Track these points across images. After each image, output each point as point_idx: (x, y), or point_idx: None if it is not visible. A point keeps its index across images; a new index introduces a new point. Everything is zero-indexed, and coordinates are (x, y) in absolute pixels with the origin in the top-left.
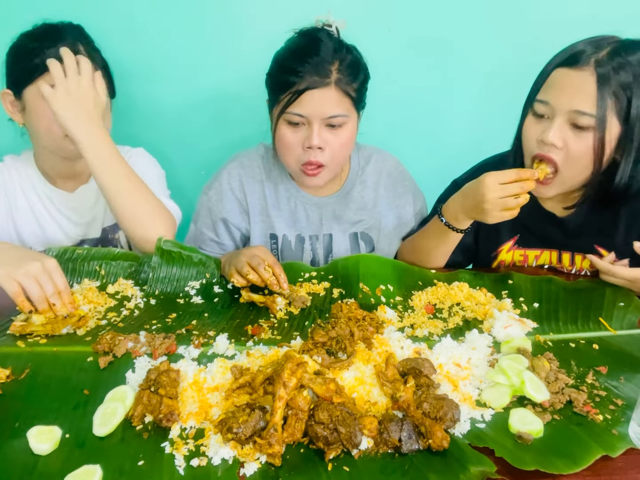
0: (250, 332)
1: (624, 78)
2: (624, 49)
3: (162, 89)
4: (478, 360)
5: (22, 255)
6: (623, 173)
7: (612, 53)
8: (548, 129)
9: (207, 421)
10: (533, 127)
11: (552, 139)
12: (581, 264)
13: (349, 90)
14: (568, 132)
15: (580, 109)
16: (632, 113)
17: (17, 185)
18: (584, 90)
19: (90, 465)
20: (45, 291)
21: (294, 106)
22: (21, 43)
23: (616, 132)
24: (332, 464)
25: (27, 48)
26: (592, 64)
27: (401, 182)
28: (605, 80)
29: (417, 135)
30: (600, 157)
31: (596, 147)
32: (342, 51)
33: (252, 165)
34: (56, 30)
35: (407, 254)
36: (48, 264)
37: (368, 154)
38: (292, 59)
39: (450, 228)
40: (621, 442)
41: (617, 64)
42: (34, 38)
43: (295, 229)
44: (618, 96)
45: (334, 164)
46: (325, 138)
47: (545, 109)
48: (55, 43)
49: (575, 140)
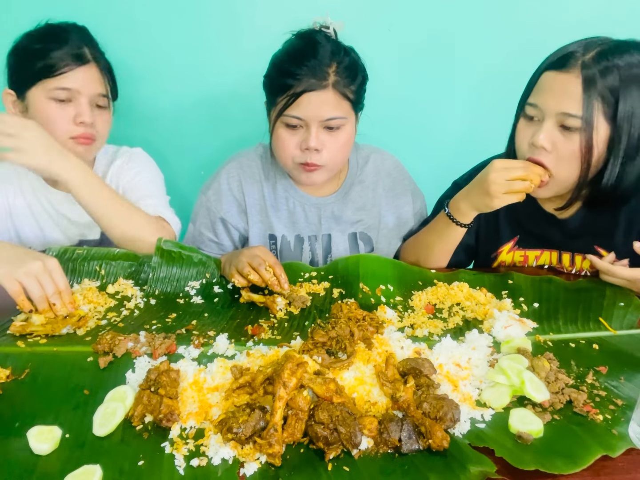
0: (250, 332)
1: (610, 80)
2: (610, 51)
3: (161, 89)
4: (478, 360)
5: (23, 255)
6: (610, 174)
7: (598, 55)
8: (538, 131)
9: (207, 421)
10: (524, 130)
11: (542, 142)
12: (581, 265)
13: (347, 92)
14: (557, 134)
15: (567, 110)
16: (619, 115)
17: (16, 185)
18: (570, 92)
19: (90, 465)
20: (46, 291)
21: (291, 109)
22: (25, 43)
23: (605, 134)
24: (332, 464)
25: (31, 49)
26: (578, 67)
27: (400, 182)
28: (590, 82)
29: (416, 134)
30: (587, 158)
31: (583, 148)
32: (340, 53)
33: (251, 165)
34: (61, 31)
35: (409, 252)
36: (49, 264)
37: (367, 154)
38: (289, 61)
39: (454, 221)
40: (621, 442)
41: (603, 67)
42: (38, 39)
43: (294, 230)
44: (605, 98)
45: (331, 165)
46: (323, 140)
47: (535, 112)
48: (60, 45)
49: (564, 142)
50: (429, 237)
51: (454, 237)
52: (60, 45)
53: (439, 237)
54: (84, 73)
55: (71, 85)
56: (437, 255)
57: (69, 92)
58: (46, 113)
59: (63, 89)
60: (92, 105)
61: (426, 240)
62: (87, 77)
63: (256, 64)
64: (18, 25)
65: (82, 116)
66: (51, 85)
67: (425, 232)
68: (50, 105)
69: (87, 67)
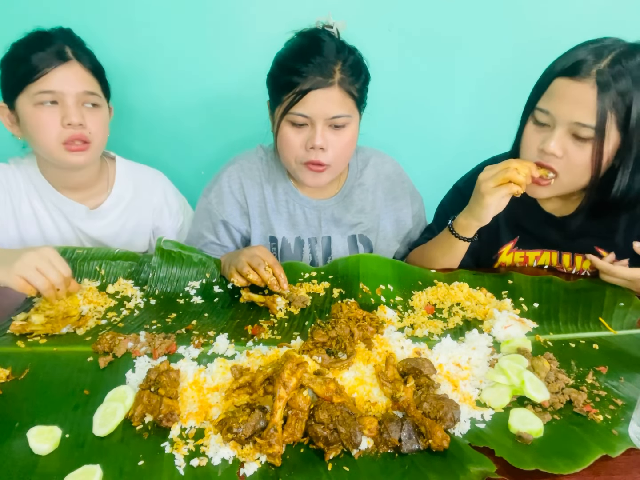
0: (250, 332)
1: (622, 86)
2: (624, 57)
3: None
4: (478, 360)
5: (16, 252)
6: (620, 182)
7: (612, 63)
8: (549, 139)
9: (207, 421)
10: (533, 135)
11: (553, 149)
12: (581, 265)
13: (352, 90)
14: (568, 142)
15: (581, 121)
16: (632, 122)
17: (22, 191)
18: (585, 102)
19: (90, 465)
20: (49, 277)
21: (297, 106)
22: (10, 53)
23: (615, 142)
24: (332, 464)
25: (15, 57)
26: (592, 76)
27: (399, 185)
28: (605, 92)
29: (416, 135)
30: (598, 166)
31: (594, 157)
32: (345, 52)
33: (251, 167)
34: (43, 35)
35: (416, 264)
36: (45, 252)
37: (366, 157)
38: (295, 59)
39: (457, 236)
40: (621, 442)
41: (617, 72)
42: (22, 46)
43: (294, 232)
44: (617, 106)
45: (336, 163)
46: (328, 138)
47: (546, 118)
48: (43, 47)
49: (575, 150)
50: (434, 252)
51: (458, 251)
52: (41, 47)
53: (443, 253)
54: (65, 72)
55: (54, 87)
56: (442, 266)
57: (53, 94)
58: (34, 119)
59: (46, 92)
60: (80, 104)
61: (431, 254)
62: (70, 75)
63: (257, 65)
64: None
65: (69, 117)
66: (35, 90)
67: (430, 247)
68: (36, 111)
69: (68, 65)
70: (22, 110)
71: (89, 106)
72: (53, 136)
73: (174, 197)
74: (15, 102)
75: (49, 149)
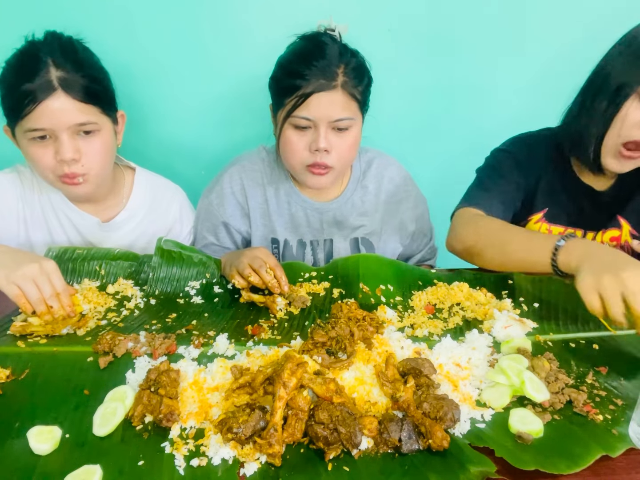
0: (250, 332)
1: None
2: None
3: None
4: (478, 360)
5: (20, 258)
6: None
7: None
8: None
9: (207, 421)
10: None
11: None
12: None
13: (355, 93)
14: None
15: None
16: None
17: (35, 198)
18: None
19: (90, 465)
20: (43, 293)
21: (300, 110)
22: (3, 76)
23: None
24: (332, 464)
25: (7, 82)
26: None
27: (403, 187)
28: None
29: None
30: None
31: None
32: (347, 54)
33: (253, 168)
34: (30, 59)
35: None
36: (46, 266)
37: (370, 159)
38: (298, 62)
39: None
40: (621, 442)
41: None
42: (11, 71)
43: (296, 234)
44: None
45: (340, 166)
46: (332, 141)
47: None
48: (29, 76)
49: None
50: (515, 251)
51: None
52: (28, 76)
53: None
54: (52, 106)
55: (42, 125)
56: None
57: (43, 130)
58: (30, 154)
59: (35, 129)
60: (74, 135)
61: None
62: (57, 110)
63: (258, 66)
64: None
65: (61, 153)
66: (25, 127)
67: (512, 244)
68: (30, 146)
69: (55, 97)
70: (19, 141)
71: (84, 134)
72: (49, 171)
73: (189, 215)
74: (15, 130)
75: (48, 180)
